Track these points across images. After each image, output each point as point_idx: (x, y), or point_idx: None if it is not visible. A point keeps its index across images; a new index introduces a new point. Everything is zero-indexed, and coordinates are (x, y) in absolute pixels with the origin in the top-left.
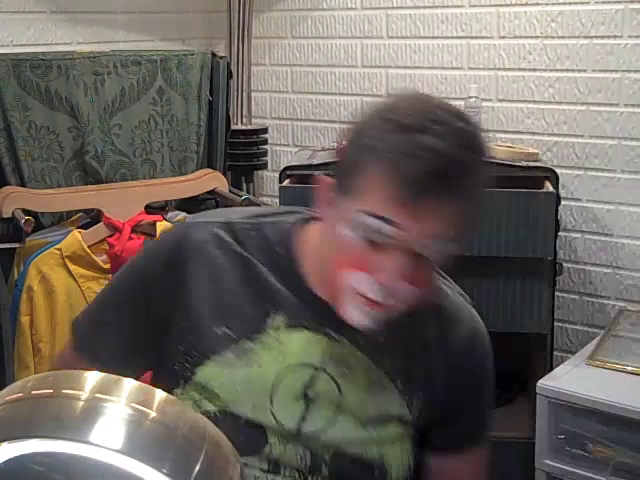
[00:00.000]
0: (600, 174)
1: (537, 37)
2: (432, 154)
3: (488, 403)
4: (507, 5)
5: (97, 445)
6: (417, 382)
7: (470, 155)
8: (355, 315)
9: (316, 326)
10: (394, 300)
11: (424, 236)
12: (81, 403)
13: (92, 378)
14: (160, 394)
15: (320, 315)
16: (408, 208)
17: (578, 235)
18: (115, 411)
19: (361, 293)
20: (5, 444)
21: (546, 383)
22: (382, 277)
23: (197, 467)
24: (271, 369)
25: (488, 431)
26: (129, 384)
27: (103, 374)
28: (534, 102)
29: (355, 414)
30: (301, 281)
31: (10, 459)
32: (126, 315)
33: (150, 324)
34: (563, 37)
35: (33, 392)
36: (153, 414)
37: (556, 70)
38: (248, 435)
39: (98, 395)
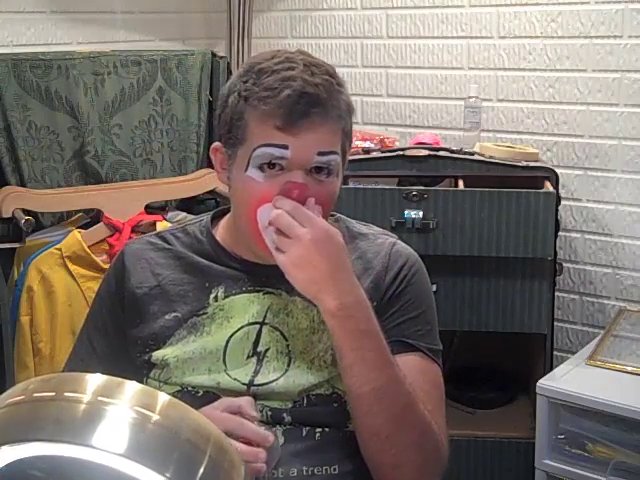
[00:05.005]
0: (600, 174)
1: (537, 37)
2: (292, 83)
3: (422, 314)
4: (507, 5)
5: (99, 449)
6: None
7: (324, 78)
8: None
9: (254, 287)
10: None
11: (309, 151)
12: (83, 406)
13: (94, 381)
14: (163, 397)
15: (255, 277)
16: (289, 131)
17: (578, 235)
18: (118, 414)
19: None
20: (6, 447)
21: (546, 383)
22: (290, 197)
23: (201, 471)
24: (220, 334)
25: (430, 344)
26: (132, 387)
27: (105, 377)
28: (534, 102)
29: (305, 358)
30: (229, 255)
31: (11, 463)
32: (104, 339)
33: (121, 338)
34: (563, 37)
35: (35, 395)
36: (156, 417)
37: (556, 70)
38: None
39: (100, 398)
